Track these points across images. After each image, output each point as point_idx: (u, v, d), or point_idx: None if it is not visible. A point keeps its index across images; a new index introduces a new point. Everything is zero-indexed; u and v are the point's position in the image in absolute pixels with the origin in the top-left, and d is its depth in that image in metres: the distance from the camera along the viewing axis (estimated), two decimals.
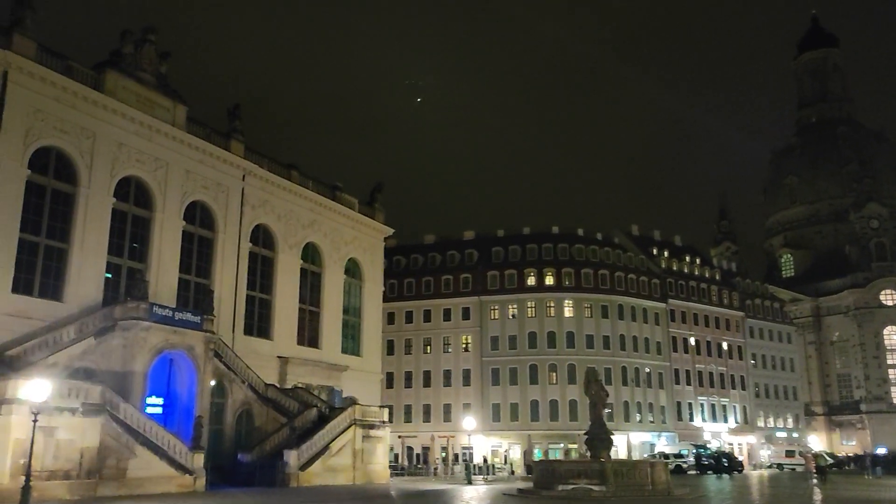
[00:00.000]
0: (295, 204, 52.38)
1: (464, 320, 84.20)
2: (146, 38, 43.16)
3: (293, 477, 37.82)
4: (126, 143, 40.70)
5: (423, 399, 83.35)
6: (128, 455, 29.77)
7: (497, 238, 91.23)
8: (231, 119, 48.71)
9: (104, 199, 39.20)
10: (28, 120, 35.80)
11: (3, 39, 34.93)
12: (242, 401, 41.97)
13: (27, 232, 35.56)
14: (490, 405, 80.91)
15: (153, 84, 42.98)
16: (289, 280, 51.14)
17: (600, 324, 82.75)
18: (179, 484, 31.48)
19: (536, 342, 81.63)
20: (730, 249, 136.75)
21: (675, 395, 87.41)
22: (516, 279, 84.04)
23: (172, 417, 37.85)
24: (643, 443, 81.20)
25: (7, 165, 34.54)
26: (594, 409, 34.51)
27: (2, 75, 34.76)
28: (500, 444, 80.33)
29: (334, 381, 52.87)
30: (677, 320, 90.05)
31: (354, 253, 58.08)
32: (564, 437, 77.92)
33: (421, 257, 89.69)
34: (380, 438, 45.21)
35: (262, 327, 48.83)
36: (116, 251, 39.99)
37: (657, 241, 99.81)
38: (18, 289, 34.71)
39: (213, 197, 46.02)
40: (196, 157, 44.93)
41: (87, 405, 28.40)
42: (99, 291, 38.30)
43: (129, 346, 35.37)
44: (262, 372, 44.76)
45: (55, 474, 26.94)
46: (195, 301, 42.82)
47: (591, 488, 29.85)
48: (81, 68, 39.06)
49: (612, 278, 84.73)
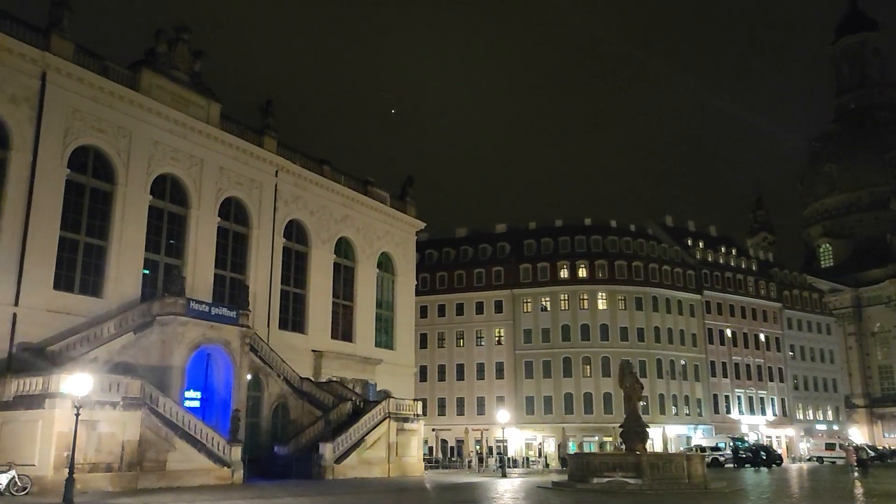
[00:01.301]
0: (327, 199, 52.74)
1: (496, 313, 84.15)
2: (180, 37, 43.72)
3: (329, 469, 38.19)
4: (161, 141, 41.32)
5: (457, 392, 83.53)
6: (167, 448, 30.28)
7: (529, 231, 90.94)
8: (264, 115, 49.16)
9: (141, 196, 39.87)
10: (67, 120, 36.51)
11: (42, 41, 35.64)
12: (278, 394, 42.46)
13: (67, 230, 36.31)
14: (523, 398, 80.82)
15: (187, 82, 43.53)
16: (322, 275, 51.55)
17: (634, 316, 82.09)
18: (218, 476, 31.95)
19: (570, 335, 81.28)
20: (766, 239, 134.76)
21: (712, 388, 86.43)
22: (549, 272, 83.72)
23: (210, 411, 38.42)
24: (679, 436, 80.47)
25: (47, 165, 35.29)
26: (629, 401, 34.27)
27: (41, 76, 35.50)
28: (534, 437, 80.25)
29: (368, 374, 53.22)
30: (713, 312, 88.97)
31: (387, 247, 58.32)
32: (599, 430, 77.57)
33: (453, 251, 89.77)
34: (414, 431, 45.41)
35: (296, 322, 49.31)
36: (153, 248, 40.66)
37: (692, 231, 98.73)
38: (60, 285, 35.49)
39: (247, 193, 46.52)
40: (230, 154, 45.45)
41: (127, 399, 28.94)
42: (137, 287, 39.00)
43: (168, 341, 35.97)
44: (297, 366, 45.22)
45: (97, 467, 27.52)
46: (231, 296, 43.38)
47: (626, 481, 29.66)
48: (117, 68, 39.72)
49: (646, 270, 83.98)
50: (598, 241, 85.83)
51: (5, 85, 34.11)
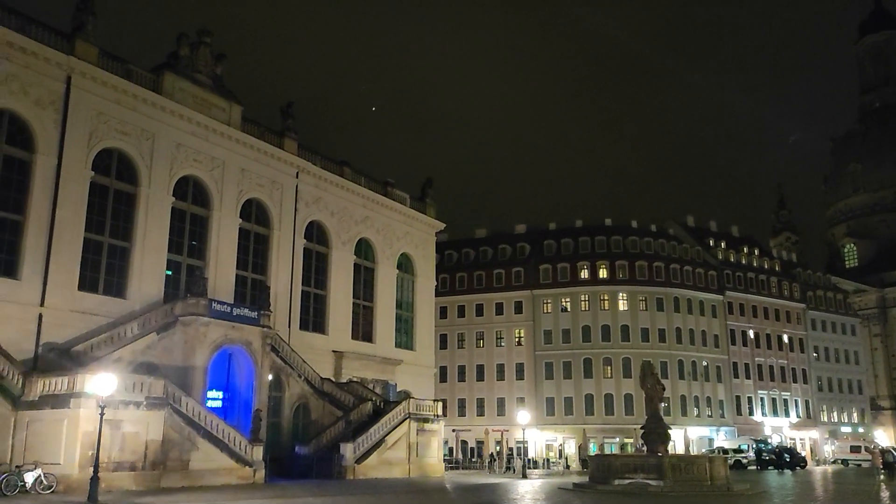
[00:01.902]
0: (348, 200, 52.95)
1: (516, 314, 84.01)
2: (202, 40, 44.10)
3: (349, 469, 38.34)
4: (184, 144, 41.71)
5: (477, 393, 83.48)
6: (190, 447, 30.52)
7: (549, 231, 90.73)
8: (284, 117, 49.46)
9: (164, 198, 40.27)
10: (91, 123, 36.97)
11: (66, 45, 36.12)
12: (299, 394, 42.69)
13: (92, 231, 36.75)
14: (544, 399, 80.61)
15: (209, 85, 43.91)
16: (342, 275, 51.75)
17: (655, 317, 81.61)
18: (240, 476, 32.17)
19: (590, 336, 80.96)
20: (790, 240, 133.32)
21: (734, 389, 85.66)
22: (569, 272, 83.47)
23: (232, 411, 38.69)
24: (701, 437, 79.86)
25: (72, 167, 35.75)
26: (650, 403, 34.08)
27: (65, 80, 35.97)
28: (554, 439, 80.00)
29: (388, 375, 53.35)
30: (735, 312, 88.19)
31: (406, 248, 58.44)
32: (620, 432, 77.17)
33: (472, 251, 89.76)
34: (434, 432, 45.45)
35: (317, 322, 49.54)
36: (176, 249, 41.05)
37: (713, 232, 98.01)
38: (84, 286, 35.92)
39: (268, 194, 46.83)
40: (251, 156, 45.78)
41: (150, 399, 29.22)
42: (160, 288, 39.39)
43: (190, 342, 36.29)
44: (318, 366, 45.44)
45: (121, 466, 27.80)
46: (252, 297, 43.68)
47: (647, 483, 29.50)
48: (140, 71, 40.17)
49: (667, 270, 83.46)
50: (619, 241, 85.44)
51: (31, 89, 34.61)
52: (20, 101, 34.22)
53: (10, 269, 33.30)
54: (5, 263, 33.27)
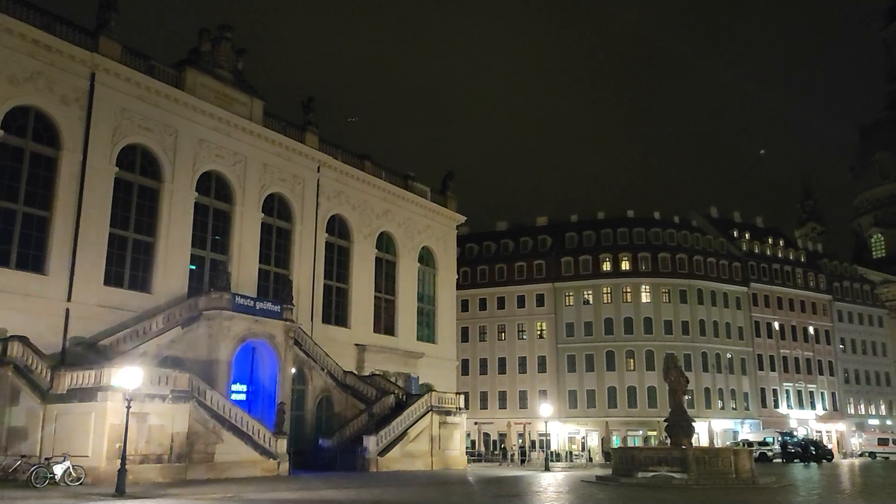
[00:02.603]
0: (369, 194, 53.07)
1: (538, 307, 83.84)
2: (223, 35, 44.34)
3: (372, 462, 38.53)
4: (206, 139, 42.01)
5: (499, 386, 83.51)
6: (215, 440, 30.82)
7: (571, 223, 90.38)
8: (305, 112, 49.64)
9: (187, 193, 40.61)
10: (115, 119, 37.36)
11: (90, 42, 36.51)
12: (322, 387, 42.94)
13: (117, 227, 37.19)
14: (566, 392, 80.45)
15: (231, 80, 44.16)
16: (364, 269, 51.93)
17: (679, 309, 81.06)
18: (264, 468, 32.44)
19: (613, 328, 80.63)
20: (815, 230, 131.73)
21: (759, 382, 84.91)
22: (591, 265, 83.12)
23: (256, 404, 39.04)
24: (725, 430, 79.32)
25: (97, 163, 36.17)
26: (674, 395, 33.84)
27: (90, 77, 36.37)
28: (577, 431, 79.87)
29: (410, 368, 53.50)
30: (760, 304, 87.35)
31: (427, 241, 58.49)
32: (643, 424, 76.85)
33: (494, 244, 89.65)
34: (456, 425, 45.53)
35: (339, 315, 49.77)
36: (199, 244, 41.41)
37: (737, 223, 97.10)
38: (110, 281, 36.38)
39: (290, 189, 47.07)
40: (273, 151, 46.01)
41: (175, 392, 29.52)
42: (184, 283, 39.77)
43: (214, 336, 36.62)
44: (341, 359, 45.67)
45: (148, 458, 28.13)
46: (275, 291, 43.96)
47: (672, 476, 29.31)
48: (163, 67, 40.50)
49: (690, 262, 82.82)
50: (641, 233, 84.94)
51: (56, 86, 35.03)
52: (46, 99, 34.66)
53: (37, 265, 33.81)
54: (33, 259, 33.77)
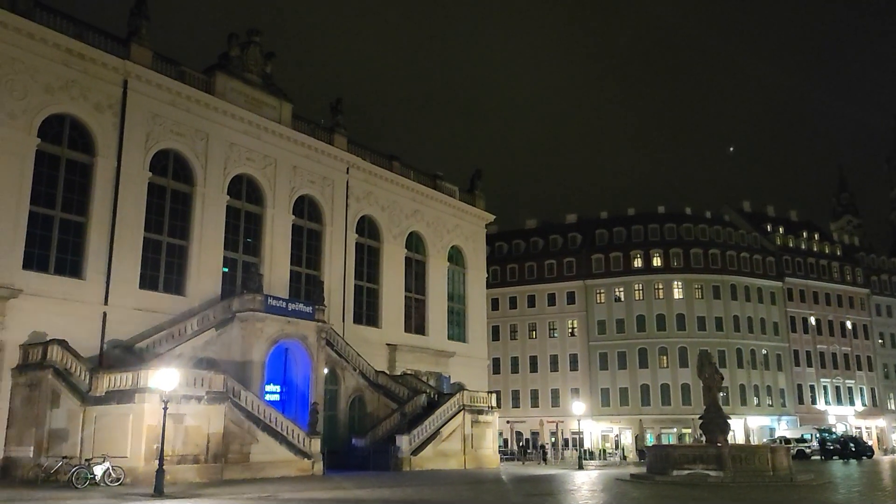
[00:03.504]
0: (397, 194, 53.26)
1: (569, 305, 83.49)
2: (251, 40, 44.80)
3: (405, 461, 38.64)
4: (237, 143, 42.49)
5: (531, 384, 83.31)
6: (250, 440, 31.15)
7: (601, 220, 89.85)
8: (334, 114, 49.98)
9: (219, 196, 41.11)
10: (147, 125, 37.96)
11: (122, 49, 37.12)
12: (354, 387, 43.18)
13: (151, 231, 37.79)
14: (599, 390, 80.00)
15: (259, 84, 44.60)
16: (394, 269, 52.13)
17: (712, 305, 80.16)
18: (299, 468, 32.71)
19: (645, 325, 80.00)
20: (851, 223, 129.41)
21: (796, 378, 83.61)
22: (622, 262, 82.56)
23: (290, 404, 39.37)
24: (762, 427, 78.27)
25: (131, 169, 36.78)
26: (708, 392, 33.46)
27: (122, 84, 36.99)
28: (610, 429, 79.38)
29: (442, 367, 53.57)
30: (795, 299, 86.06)
31: (457, 240, 58.54)
32: (677, 422, 76.12)
33: (523, 242, 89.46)
34: (488, 423, 45.47)
35: (370, 316, 50.02)
36: (232, 246, 41.89)
37: (771, 217, 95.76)
38: (145, 285, 36.98)
39: (320, 190, 47.41)
40: (302, 153, 46.38)
41: (211, 393, 29.89)
42: (217, 285, 40.26)
43: (247, 337, 37.02)
44: (372, 359, 45.88)
45: (185, 458, 28.51)
46: (306, 292, 44.32)
47: (707, 473, 28.98)
48: (193, 73, 41.03)
49: (723, 257, 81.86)
50: (673, 229, 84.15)
51: (90, 93, 35.67)
52: (80, 106, 35.31)
53: (75, 270, 34.47)
54: (71, 264, 34.44)
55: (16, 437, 30.65)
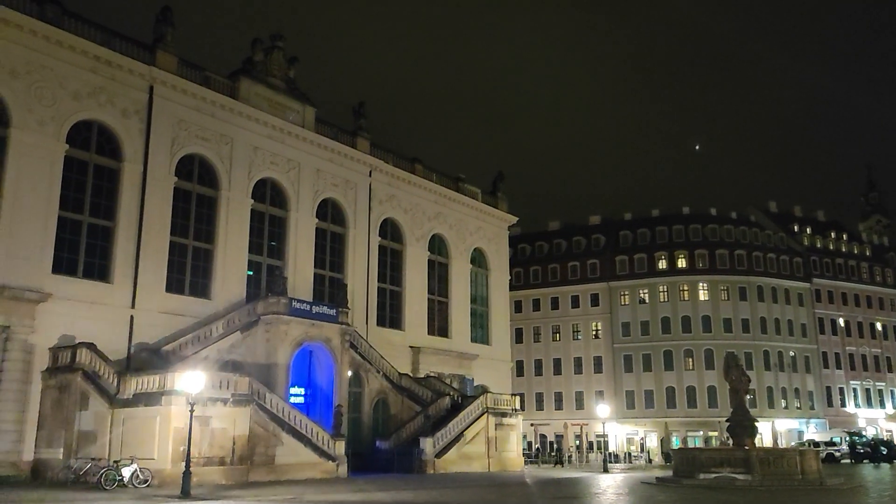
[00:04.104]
0: (420, 197, 53.36)
1: (593, 307, 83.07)
2: (275, 44, 45.14)
3: (429, 464, 38.64)
4: (261, 147, 42.82)
5: (555, 387, 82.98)
6: (275, 442, 31.34)
7: (624, 222, 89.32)
8: (356, 117, 50.20)
9: (243, 200, 41.45)
10: (173, 130, 38.38)
11: (148, 56, 37.59)
12: (378, 390, 43.27)
13: (177, 235, 38.18)
14: (623, 392, 79.47)
15: (283, 88, 44.92)
16: (417, 271, 52.21)
17: (738, 306, 79.33)
18: (323, 470, 32.83)
19: (670, 327, 79.34)
20: (881, 223, 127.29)
21: (824, 380, 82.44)
22: (646, 263, 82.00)
23: (314, 406, 39.55)
24: (790, 430, 77.25)
25: (157, 174, 37.22)
26: (735, 395, 33.12)
27: (148, 90, 37.45)
28: (635, 432, 78.80)
29: (465, 369, 53.54)
30: (824, 300, 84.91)
31: (479, 243, 58.51)
32: (703, 425, 75.36)
33: (546, 244, 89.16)
34: (512, 426, 45.35)
35: (393, 318, 50.13)
36: (256, 250, 42.21)
37: (798, 217, 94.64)
38: (171, 288, 37.36)
39: (343, 193, 47.63)
40: (325, 156, 46.63)
41: (236, 396, 30.12)
42: (242, 288, 40.58)
43: (272, 340, 37.26)
44: (396, 361, 45.96)
45: (211, 460, 28.76)
46: (330, 294, 44.52)
47: (735, 477, 28.68)
48: (217, 78, 41.44)
49: (749, 258, 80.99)
50: (698, 229, 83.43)
51: (117, 100, 36.16)
52: (107, 112, 35.80)
53: (103, 274, 34.92)
54: (99, 268, 34.90)
55: (46, 439, 31.10)
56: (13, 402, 30.70)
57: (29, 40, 33.09)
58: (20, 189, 32.20)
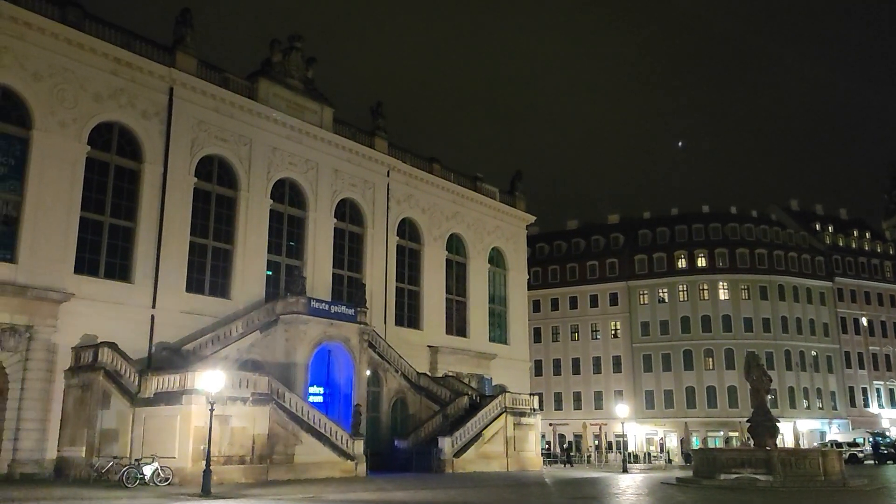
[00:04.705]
0: (438, 196, 53.39)
1: (611, 306, 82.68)
2: (293, 45, 45.33)
3: (448, 463, 38.65)
4: (279, 147, 43.04)
5: (573, 386, 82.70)
6: (294, 441, 31.48)
7: (643, 220, 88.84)
8: (374, 117, 50.31)
9: (262, 201, 41.68)
10: (192, 131, 38.68)
11: (168, 58, 37.90)
12: (396, 389, 43.35)
13: (196, 235, 38.49)
14: (643, 392, 79.04)
15: (301, 89, 45.11)
16: (435, 271, 52.25)
17: (759, 306, 78.62)
18: (342, 469, 32.94)
19: (690, 327, 78.81)
20: None
21: (847, 380, 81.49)
22: (665, 262, 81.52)
23: (333, 405, 39.70)
24: (812, 431, 76.45)
25: (177, 175, 37.52)
26: (756, 395, 32.84)
27: (168, 91, 37.76)
28: (654, 432, 78.35)
29: (483, 369, 53.50)
30: (846, 299, 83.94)
31: (497, 242, 58.44)
32: (724, 425, 74.78)
33: (564, 243, 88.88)
34: (531, 426, 45.26)
35: (411, 318, 50.20)
36: (275, 250, 42.43)
37: (820, 215, 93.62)
38: (191, 288, 37.68)
39: (361, 194, 47.76)
40: (343, 157, 46.78)
41: (256, 395, 30.29)
42: (261, 288, 40.82)
43: (291, 339, 37.45)
44: (414, 361, 46.02)
45: (231, 459, 28.94)
46: (348, 294, 44.68)
47: (756, 478, 28.42)
48: (237, 79, 41.71)
49: (770, 257, 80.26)
50: (718, 228, 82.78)
51: (137, 101, 36.49)
52: (128, 114, 36.14)
53: (124, 274, 35.27)
54: (120, 268, 35.25)
55: (69, 438, 31.48)
56: (37, 401, 31.09)
57: (51, 43, 33.48)
58: (43, 190, 32.61)
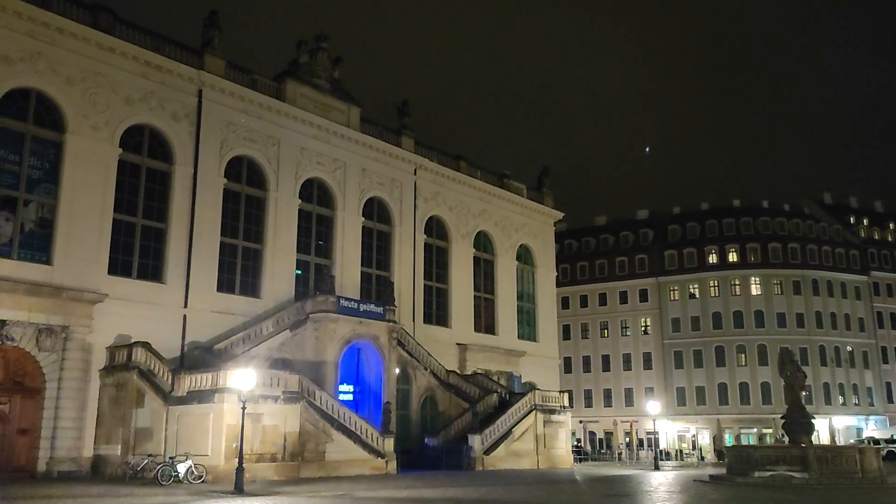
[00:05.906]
0: (465, 194, 53.35)
1: (641, 302, 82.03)
2: (319, 46, 45.59)
3: (478, 461, 38.64)
4: (307, 147, 43.32)
5: (604, 383, 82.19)
6: (325, 439, 31.70)
7: (673, 215, 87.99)
8: (400, 116, 50.42)
9: (291, 200, 42.00)
10: (221, 132, 39.08)
11: (196, 60, 38.33)
12: (426, 387, 43.43)
13: (226, 235, 38.88)
14: (674, 389, 78.31)
15: (328, 89, 45.34)
16: (463, 269, 52.22)
17: (792, 301, 77.45)
18: (373, 467, 33.10)
19: (721, 322, 77.92)
20: None
21: (884, 376, 79.98)
22: (696, 257, 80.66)
23: (363, 403, 39.91)
24: (848, 427, 75.18)
25: (207, 176, 37.93)
26: (790, 391, 32.34)
27: (197, 94, 38.18)
28: (686, 429, 77.61)
29: (512, 366, 53.37)
30: (882, 294, 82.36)
31: (525, 239, 58.24)
32: (757, 422, 73.88)
33: (593, 240, 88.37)
34: (561, 423, 45.08)
35: (440, 315, 50.24)
36: (304, 249, 42.73)
37: (854, 208, 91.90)
38: (222, 288, 38.07)
39: (388, 192, 47.90)
40: (370, 156, 46.95)
41: (287, 393, 30.55)
42: (291, 287, 41.13)
43: (321, 338, 37.70)
44: (443, 359, 46.07)
45: (263, 457, 29.21)
46: (377, 293, 44.83)
47: (791, 475, 28.00)
48: (264, 80, 42.05)
49: (803, 251, 79.00)
50: (749, 222, 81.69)
51: (167, 104, 36.96)
52: (158, 116, 36.62)
53: (157, 274, 35.76)
54: (153, 269, 35.74)
55: (104, 436, 31.99)
56: (73, 400, 31.64)
57: (83, 48, 34.02)
58: (76, 193, 33.15)
